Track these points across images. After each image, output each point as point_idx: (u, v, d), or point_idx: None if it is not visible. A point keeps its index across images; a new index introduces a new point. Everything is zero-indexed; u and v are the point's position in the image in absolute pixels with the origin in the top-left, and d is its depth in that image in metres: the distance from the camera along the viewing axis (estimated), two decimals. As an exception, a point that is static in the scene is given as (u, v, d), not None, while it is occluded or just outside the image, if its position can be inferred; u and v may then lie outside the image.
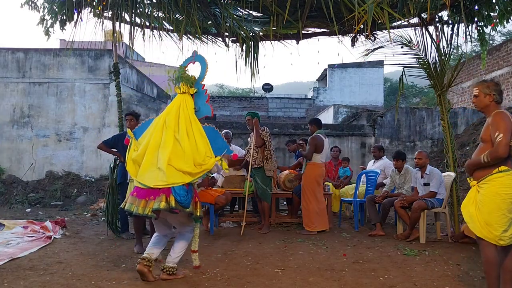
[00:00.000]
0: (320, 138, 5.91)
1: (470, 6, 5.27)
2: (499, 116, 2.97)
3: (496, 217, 2.91)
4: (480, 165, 3.01)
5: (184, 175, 3.43)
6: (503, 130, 2.89)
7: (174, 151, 3.47)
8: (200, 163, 3.49)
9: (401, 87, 6.29)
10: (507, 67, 11.29)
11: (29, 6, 5.67)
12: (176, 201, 3.33)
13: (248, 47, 6.25)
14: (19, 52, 10.09)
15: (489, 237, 2.93)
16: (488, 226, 2.93)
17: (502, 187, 2.92)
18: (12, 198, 8.83)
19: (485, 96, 3.13)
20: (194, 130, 3.58)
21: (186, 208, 3.39)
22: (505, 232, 2.91)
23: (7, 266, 3.93)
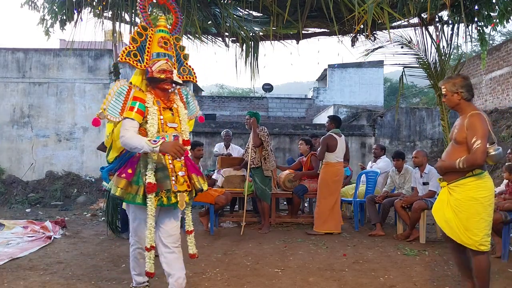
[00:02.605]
0: (333, 137, 5.85)
1: (470, 6, 5.27)
2: (477, 119, 2.81)
3: (475, 222, 2.82)
4: (454, 170, 2.89)
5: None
6: (481, 135, 2.75)
7: None
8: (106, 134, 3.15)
9: (401, 87, 6.30)
10: (507, 67, 11.28)
11: (29, 6, 5.67)
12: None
13: (248, 47, 6.25)
14: (19, 52, 10.08)
15: (468, 243, 2.85)
16: (467, 232, 2.83)
17: (478, 191, 2.83)
18: (12, 198, 8.83)
19: (453, 94, 2.95)
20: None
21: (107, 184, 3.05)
22: (488, 236, 2.85)
23: (7, 266, 3.93)
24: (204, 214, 6.04)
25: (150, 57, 2.95)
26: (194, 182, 2.94)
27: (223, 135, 7.33)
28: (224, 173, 6.45)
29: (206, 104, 21.06)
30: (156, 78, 2.88)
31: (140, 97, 2.85)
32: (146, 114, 2.83)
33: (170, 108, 2.97)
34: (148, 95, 2.89)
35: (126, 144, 2.75)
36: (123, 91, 2.84)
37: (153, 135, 2.79)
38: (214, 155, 7.59)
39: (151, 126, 2.81)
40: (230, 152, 7.12)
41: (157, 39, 2.96)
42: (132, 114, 2.80)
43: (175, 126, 2.95)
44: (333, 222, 5.79)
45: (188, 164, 2.97)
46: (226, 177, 6.46)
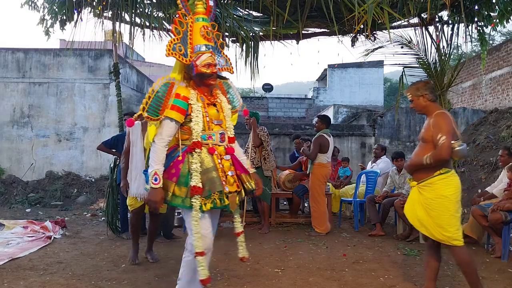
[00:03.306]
0: (325, 138, 5.86)
1: (470, 6, 5.27)
2: (441, 117, 2.95)
3: (446, 219, 2.93)
4: (422, 166, 3.00)
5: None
6: (445, 131, 2.88)
7: None
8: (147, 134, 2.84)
9: (401, 87, 6.29)
10: (507, 67, 11.28)
11: (29, 6, 5.67)
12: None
13: (248, 47, 6.25)
14: (19, 52, 10.09)
15: (442, 239, 2.96)
16: (439, 229, 2.95)
17: (446, 188, 2.93)
18: (12, 198, 8.83)
19: (419, 98, 3.09)
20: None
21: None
22: (460, 231, 2.96)
23: (7, 266, 3.94)
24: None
25: (193, 49, 2.67)
26: (245, 182, 2.74)
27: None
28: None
29: (206, 104, 21.05)
30: (204, 74, 2.64)
31: (182, 94, 2.61)
32: (190, 112, 2.60)
33: (214, 104, 2.74)
34: (191, 91, 2.66)
35: (151, 151, 2.59)
36: (165, 89, 2.62)
37: (198, 134, 2.59)
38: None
39: (195, 125, 2.59)
40: None
41: (198, 29, 2.67)
42: (172, 113, 2.57)
43: (220, 123, 2.73)
44: (329, 222, 5.83)
45: (236, 164, 2.76)
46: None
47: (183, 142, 2.66)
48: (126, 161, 4.27)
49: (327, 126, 5.96)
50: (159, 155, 2.56)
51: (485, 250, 4.84)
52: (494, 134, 9.69)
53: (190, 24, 2.69)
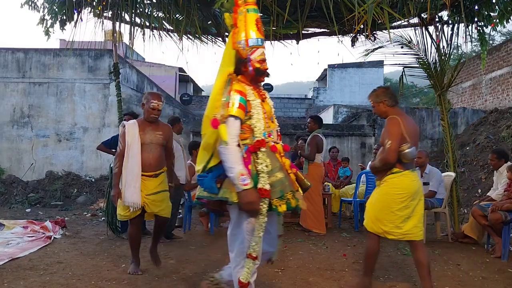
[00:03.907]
0: (320, 137, 5.88)
1: (470, 6, 5.27)
2: (390, 123, 3.12)
3: (385, 215, 3.12)
4: (376, 169, 3.24)
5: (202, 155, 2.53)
6: (392, 136, 3.04)
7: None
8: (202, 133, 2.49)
9: (401, 87, 6.30)
10: (507, 67, 11.29)
11: (29, 6, 5.67)
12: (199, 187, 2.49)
13: (248, 47, 6.25)
14: (19, 52, 10.09)
15: (378, 232, 3.18)
16: (378, 221, 3.16)
17: (392, 187, 3.10)
18: (12, 198, 8.83)
19: (379, 104, 3.25)
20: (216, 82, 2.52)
21: (213, 194, 2.38)
22: (398, 228, 3.11)
23: (7, 266, 3.93)
24: (204, 214, 6.04)
25: (247, 43, 2.43)
26: (302, 180, 2.62)
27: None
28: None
29: (206, 104, 21.05)
30: (259, 70, 2.45)
31: (240, 89, 2.41)
32: (249, 109, 2.42)
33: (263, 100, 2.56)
34: (246, 86, 2.46)
35: (225, 155, 2.31)
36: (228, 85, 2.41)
37: (261, 132, 2.41)
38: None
39: (257, 122, 2.41)
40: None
41: (253, 21, 2.45)
42: (238, 111, 2.36)
43: (272, 120, 2.59)
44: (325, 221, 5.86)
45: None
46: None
47: (243, 141, 2.44)
48: (120, 166, 3.67)
49: (320, 126, 5.98)
50: (237, 155, 2.33)
51: (485, 250, 4.84)
52: (494, 134, 9.70)
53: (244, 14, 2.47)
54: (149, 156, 3.67)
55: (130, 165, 3.63)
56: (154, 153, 3.71)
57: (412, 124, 3.20)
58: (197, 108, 21.13)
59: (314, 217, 5.77)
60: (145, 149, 3.67)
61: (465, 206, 6.99)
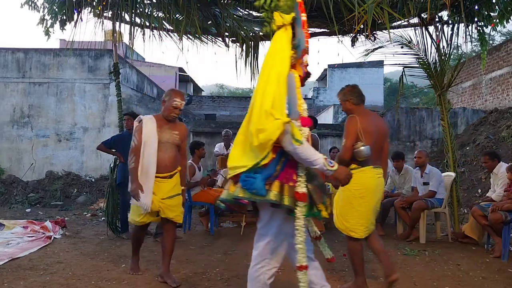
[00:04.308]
0: (316, 137, 5.88)
1: (470, 6, 5.27)
2: (347, 122, 3.24)
3: (347, 210, 3.23)
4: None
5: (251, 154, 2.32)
6: (347, 135, 3.18)
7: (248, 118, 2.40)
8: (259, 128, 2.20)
9: (401, 87, 6.30)
10: (507, 67, 11.29)
11: (29, 6, 5.67)
12: (241, 187, 2.29)
13: (248, 47, 6.26)
14: (19, 52, 10.10)
15: (341, 228, 3.27)
16: (341, 217, 3.27)
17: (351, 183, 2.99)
18: (12, 198, 8.83)
19: (345, 102, 3.35)
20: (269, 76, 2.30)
21: (257, 196, 2.25)
22: (360, 225, 3.20)
23: (7, 266, 3.93)
24: (204, 214, 6.04)
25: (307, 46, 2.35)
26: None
27: (223, 135, 7.34)
28: (224, 173, 6.45)
29: (206, 104, 21.07)
30: (309, 74, 2.42)
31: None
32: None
33: None
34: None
35: (300, 153, 2.19)
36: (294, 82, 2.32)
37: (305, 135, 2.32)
38: (214, 155, 7.59)
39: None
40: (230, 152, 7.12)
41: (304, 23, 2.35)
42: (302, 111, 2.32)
43: None
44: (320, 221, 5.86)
45: None
46: (226, 177, 6.45)
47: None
48: (136, 160, 3.44)
49: (315, 127, 5.99)
50: (311, 148, 2.25)
51: (485, 250, 4.84)
52: (494, 134, 9.70)
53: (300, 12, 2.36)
54: (165, 156, 3.47)
55: (146, 164, 3.42)
56: (170, 153, 3.51)
57: (375, 124, 3.25)
58: (197, 108, 21.13)
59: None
60: (160, 148, 3.45)
61: (465, 206, 6.99)
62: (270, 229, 2.40)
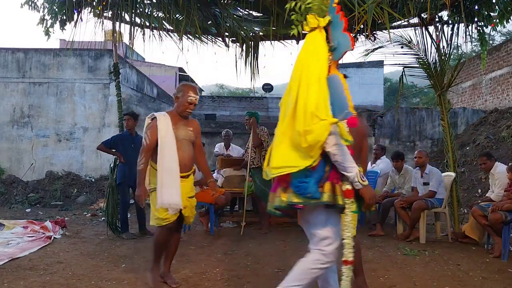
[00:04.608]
0: None
1: (470, 6, 5.28)
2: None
3: None
4: None
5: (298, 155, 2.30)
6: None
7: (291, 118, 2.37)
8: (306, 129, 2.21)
9: (401, 87, 6.29)
10: (507, 67, 11.29)
11: (29, 6, 5.67)
12: (293, 192, 2.28)
13: (248, 47, 6.26)
14: (19, 52, 10.09)
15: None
16: None
17: None
18: (12, 198, 8.83)
19: None
20: (309, 78, 2.33)
21: (311, 199, 2.24)
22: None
23: (7, 266, 3.93)
24: (204, 214, 6.04)
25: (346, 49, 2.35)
26: None
27: (223, 135, 7.34)
28: (224, 173, 6.45)
29: (206, 104, 21.07)
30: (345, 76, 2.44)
31: None
32: None
33: None
34: None
35: (339, 154, 2.21)
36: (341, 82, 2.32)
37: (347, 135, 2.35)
38: (214, 155, 7.59)
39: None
40: (230, 152, 7.13)
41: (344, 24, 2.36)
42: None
43: None
44: None
45: None
46: (226, 177, 6.47)
47: None
48: (145, 162, 3.29)
49: None
50: (350, 156, 2.27)
51: (485, 250, 4.84)
52: (494, 134, 9.70)
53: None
54: (184, 154, 3.30)
55: (167, 163, 3.21)
56: (188, 151, 3.35)
57: None
58: (197, 108, 21.12)
59: None
60: (178, 146, 3.27)
61: (465, 206, 6.99)
62: (331, 229, 2.39)
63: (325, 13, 2.44)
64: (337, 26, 2.42)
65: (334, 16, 2.42)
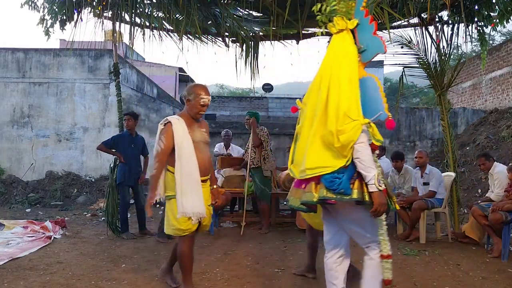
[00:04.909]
0: None
1: (470, 6, 5.28)
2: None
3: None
4: None
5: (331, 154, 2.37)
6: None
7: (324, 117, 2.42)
8: (339, 129, 2.29)
9: (401, 87, 6.29)
10: (507, 67, 11.28)
11: (29, 6, 5.67)
12: (326, 187, 2.33)
13: (248, 47, 6.26)
14: (19, 52, 10.09)
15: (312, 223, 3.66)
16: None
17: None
18: (12, 198, 8.83)
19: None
20: (340, 79, 2.40)
21: (344, 195, 2.30)
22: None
23: (7, 266, 3.93)
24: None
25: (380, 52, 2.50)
26: None
27: (223, 135, 7.33)
28: (224, 173, 6.45)
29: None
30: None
31: None
32: None
33: None
34: None
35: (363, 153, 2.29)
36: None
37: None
38: (214, 155, 7.60)
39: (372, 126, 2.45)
40: (230, 152, 7.13)
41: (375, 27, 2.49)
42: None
43: None
44: None
45: None
46: (226, 177, 6.47)
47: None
48: (159, 167, 3.07)
49: None
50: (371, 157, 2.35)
51: (485, 250, 4.84)
52: (494, 134, 9.70)
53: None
54: (203, 156, 3.15)
55: (187, 168, 3.04)
56: (205, 153, 3.19)
57: None
58: (197, 108, 21.10)
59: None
60: (195, 149, 3.11)
61: (465, 206, 6.99)
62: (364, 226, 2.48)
63: (351, 15, 2.51)
64: (366, 29, 2.52)
65: (362, 19, 2.51)
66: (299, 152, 2.60)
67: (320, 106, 2.42)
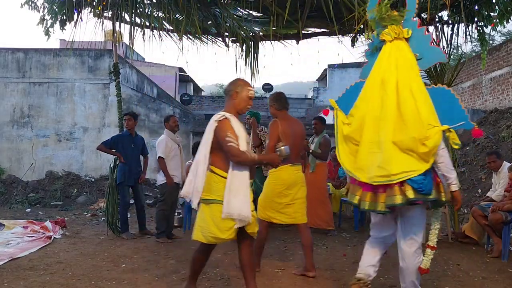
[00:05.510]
0: (328, 138, 6.05)
1: (470, 6, 5.27)
2: (270, 125, 3.81)
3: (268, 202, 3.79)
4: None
5: (413, 158, 2.56)
6: (270, 136, 3.75)
7: (397, 123, 2.59)
8: (424, 135, 2.50)
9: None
10: (507, 67, 11.28)
11: (29, 6, 5.67)
12: (414, 189, 2.52)
13: (248, 47, 6.25)
14: (19, 52, 10.09)
15: (264, 217, 3.78)
16: (263, 208, 3.81)
17: (272, 179, 3.82)
18: (12, 198, 8.83)
19: (270, 107, 3.93)
20: (412, 87, 2.61)
21: (428, 196, 2.56)
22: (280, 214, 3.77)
23: (7, 266, 3.94)
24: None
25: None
26: None
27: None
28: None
29: (206, 104, 21.08)
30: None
31: None
32: None
33: None
34: None
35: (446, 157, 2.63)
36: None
37: None
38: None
39: None
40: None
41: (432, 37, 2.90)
42: None
43: None
44: None
45: None
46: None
47: None
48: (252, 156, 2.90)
49: (325, 127, 6.16)
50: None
51: (485, 250, 4.84)
52: (494, 134, 9.69)
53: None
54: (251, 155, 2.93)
55: (241, 167, 2.82)
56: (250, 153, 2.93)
57: (292, 127, 3.80)
58: (197, 108, 21.13)
59: (326, 214, 5.78)
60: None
61: (465, 206, 6.99)
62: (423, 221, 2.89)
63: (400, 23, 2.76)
64: (421, 39, 2.74)
65: (415, 29, 2.75)
66: (362, 157, 2.73)
67: (388, 112, 2.61)
